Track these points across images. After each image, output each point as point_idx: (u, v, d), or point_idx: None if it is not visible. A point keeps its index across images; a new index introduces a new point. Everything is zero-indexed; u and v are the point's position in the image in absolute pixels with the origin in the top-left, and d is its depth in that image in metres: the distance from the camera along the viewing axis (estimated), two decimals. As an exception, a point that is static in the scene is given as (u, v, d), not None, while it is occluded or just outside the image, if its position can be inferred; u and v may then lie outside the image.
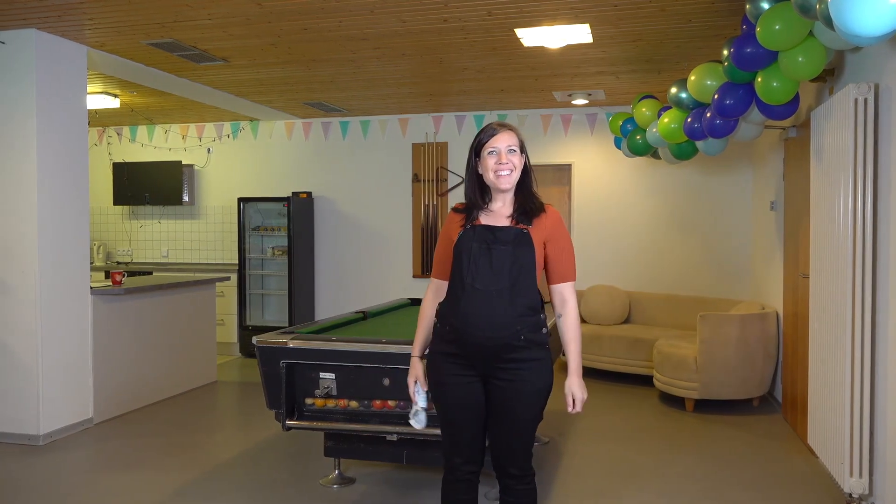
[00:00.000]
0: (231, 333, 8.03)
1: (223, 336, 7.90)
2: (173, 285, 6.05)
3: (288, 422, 3.62)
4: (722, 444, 4.78)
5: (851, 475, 3.49)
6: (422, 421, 2.68)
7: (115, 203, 8.55)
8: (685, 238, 7.26)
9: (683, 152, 5.50)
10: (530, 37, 4.84)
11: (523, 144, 2.57)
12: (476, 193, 2.57)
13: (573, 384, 2.51)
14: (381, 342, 3.50)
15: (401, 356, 3.39)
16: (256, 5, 4.26)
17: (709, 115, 4.53)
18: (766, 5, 3.57)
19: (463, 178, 2.69)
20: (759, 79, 3.89)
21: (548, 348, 2.53)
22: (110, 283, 5.50)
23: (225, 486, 4.04)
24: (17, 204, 4.78)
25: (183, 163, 8.34)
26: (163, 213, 8.65)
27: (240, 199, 7.99)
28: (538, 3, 4.21)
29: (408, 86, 6.46)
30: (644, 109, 5.66)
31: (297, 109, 7.64)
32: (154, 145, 8.59)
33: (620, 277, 7.37)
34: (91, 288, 5.20)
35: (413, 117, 7.91)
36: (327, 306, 8.12)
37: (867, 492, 3.48)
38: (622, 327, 6.76)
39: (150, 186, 8.38)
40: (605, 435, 4.99)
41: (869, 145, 3.40)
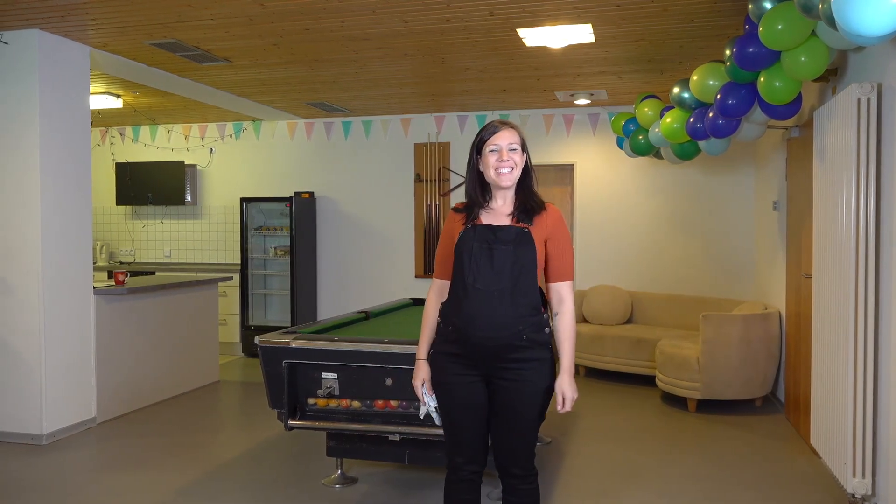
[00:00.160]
0: (233, 333, 8.04)
1: (226, 336, 7.92)
2: (176, 285, 6.06)
3: (290, 422, 3.63)
4: (724, 444, 4.78)
5: (854, 475, 3.49)
6: (437, 419, 2.66)
7: (118, 203, 8.57)
8: (687, 238, 7.26)
9: (686, 152, 5.50)
10: (532, 37, 4.84)
11: (524, 143, 2.57)
12: (477, 191, 2.58)
13: (564, 383, 2.50)
14: (383, 342, 3.51)
15: (403, 356, 3.40)
16: (259, 5, 4.27)
17: (711, 114, 4.53)
18: (768, 5, 3.56)
19: (465, 178, 2.68)
20: (762, 78, 3.88)
21: (550, 348, 2.53)
22: (113, 283, 5.51)
23: (227, 485, 4.05)
24: (20, 204, 4.79)
25: (185, 163, 8.35)
26: (165, 213, 8.66)
27: (242, 199, 8.01)
28: (540, 3, 4.21)
29: (410, 86, 6.46)
30: (646, 109, 5.65)
31: (300, 109, 7.65)
32: (157, 145, 8.61)
33: (623, 277, 7.37)
34: (94, 288, 5.22)
35: (415, 117, 7.91)
36: (329, 306, 8.13)
37: (870, 492, 3.48)
38: (624, 327, 6.75)
39: (152, 186, 8.40)
40: (608, 435, 4.99)
41: (872, 145, 3.39)
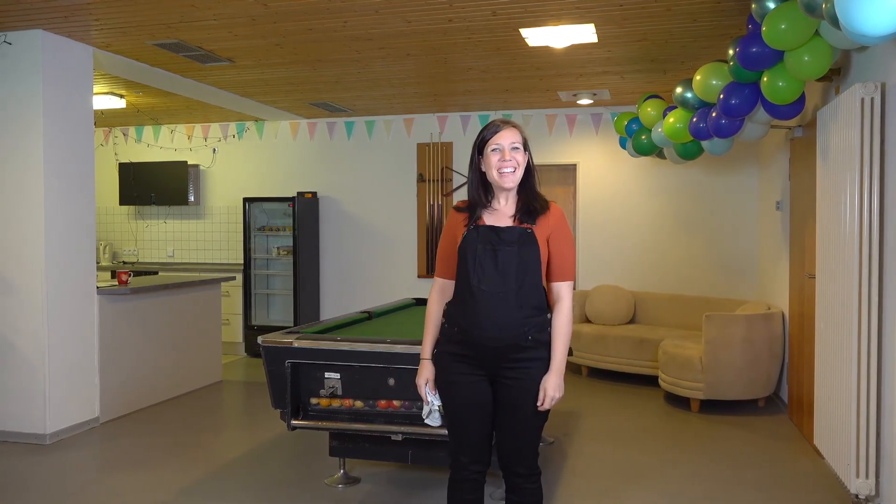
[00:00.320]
0: (236, 333, 8.05)
1: (228, 336, 7.93)
2: (179, 285, 6.07)
3: (293, 421, 3.63)
4: (727, 444, 4.77)
5: (858, 476, 3.48)
6: (437, 420, 2.66)
7: (121, 203, 8.58)
8: (690, 238, 7.25)
9: (689, 152, 5.49)
10: (535, 37, 4.83)
11: (527, 142, 2.54)
12: (479, 191, 2.55)
13: (550, 381, 2.47)
14: (386, 342, 3.51)
15: (406, 356, 3.40)
16: (262, 6, 4.27)
17: (714, 114, 4.52)
18: (771, 5, 3.56)
19: (466, 178, 2.66)
20: (765, 78, 3.88)
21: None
22: (116, 283, 5.52)
23: (230, 485, 4.05)
24: (23, 204, 4.80)
25: (188, 163, 8.36)
26: (168, 213, 8.67)
27: (245, 200, 8.02)
28: (543, 3, 4.20)
29: (413, 86, 6.46)
30: (649, 109, 5.65)
31: (303, 109, 7.65)
32: (160, 145, 8.62)
33: (625, 277, 7.36)
34: (97, 288, 5.22)
35: (418, 117, 7.91)
36: (332, 306, 8.13)
37: (874, 493, 3.47)
38: (627, 327, 6.74)
39: (155, 186, 8.41)
40: (610, 435, 4.98)
41: (875, 145, 3.39)
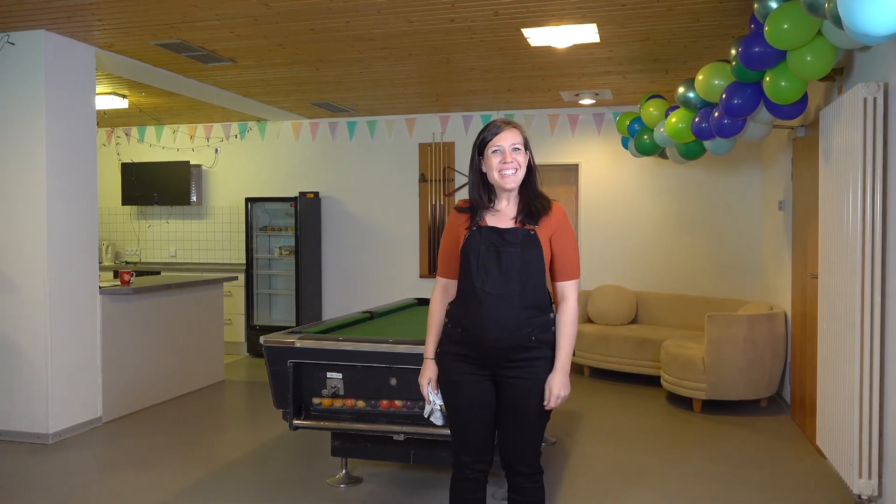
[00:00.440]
0: (238, 333, 8.06)
1: (231, 336, 7.93)
2: (181, 285, 6.07)
3: (295, 421, 3.63)
4: (730, 444, 4.77)
5: (860, 476, 3.47)
6: (439, 419, 2.66)
7: (124, 203, 8.59)
8: (693, 238, 7.24)
9: (691, 152, 5.49)
10: (537, 37, 4.83)
11: (528, 142, 2.52)
12: (480, 193, 2.53)
13: (555, 380, 2.48)
14: (388, 342, 3.51)
15: (408, 356, 3.40)
16: (264, 6, 4.27)
17: (716, 114, 4.52)
18: (774, 4, 3.56)
19: (468, 179, 2.65)
20: (768, 78, 3.87)
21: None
22: (119, 283, 5.52)
23: (232, 485, 4.06)
24: (26, 204, 4.81)
25: (191, 163, 8.37)
26: (171, 213, 8.68)
27: (247, 199, 8.02)
28: (545, 3, 4.20)
29: (415, 86, 6.46)
30: (651, 109, 5.64)
31: (305, 110, 7.66)
32: (162, 145, 8.63)
33: (628, 277, 7.36)
34: (100, 288, 5.23)
35: (420, 117, 7.91)
36: (334, 306, 8.14)
37: (876, 493, 3.47)
38: (629, 327, 6.74)
39: (158, 186, 8.42)
40: (612, 435, 4.98)
41: (878, 145, 3.38)
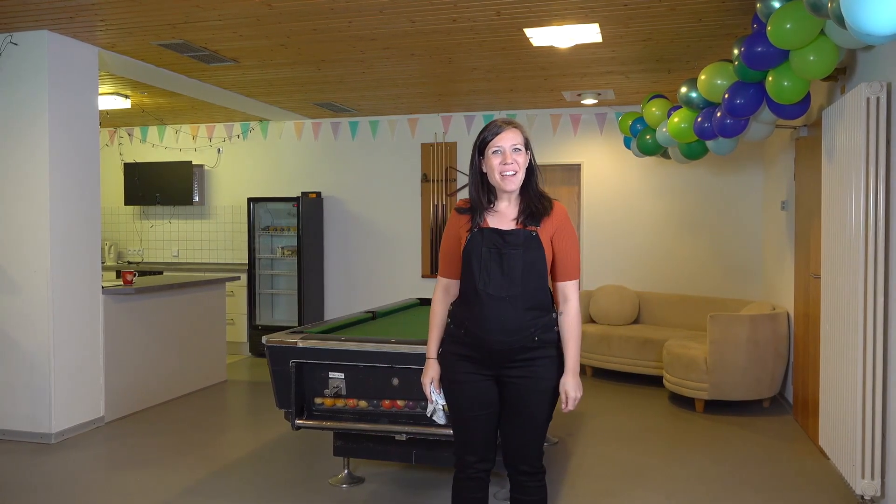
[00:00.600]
0: (241, 333, 8.06)
1: (233, 335, 7.94)
2: (184, 285, 6.08)
3: (297, 421, 3.64)
4: (732, 445, 4.76)
5: (863, 477, 3.47)
6: (441, 418, 2.67)
7: (126, 203, 8.60)
8: (695, 238, 7.23)
9: (693, 152, 5.48)
10: (539, 36, 4.83)
11: (528, 142, 2.51)
12: (481, 193, 2.52)
13: (568, 382, 2.49)
14: (390, 342, 3.51)
15: (410, 356, 3.40)
16: (266, 6, 4.28)
17: (719, 114, 4.51)
18: (777, 4, 3.55)
19: (468, 179, 2.65)
20: (770, 78, 3.87)
21: (558, 346, 2.52)
22: (121, 283, 5.53)
23: (234, 484, 4.06)
24: (29, 204, 4.81)
25: (193, 163, 8.38)
26: (173, 213, 8.69)
27: (250, 199, 8.03)
28: (547, 2, 4.20)
29: (417, 86, 6.46)
30: (654, 109, 5.64)
31: (307, 110, 7.66)
32: (164, 146, 8.64)
33: (630, 277, 7.35)
34: (102, 287, 5.24)
35: (422, 117, 7.91)
36: (336, 306, 8.14)
37: (879, 494, 3.46)
38: (631, 327, 6.73)
39: (160, 186, 8.43)
40: (614, 435, 4.98)
41: (881, 144, 3.37)
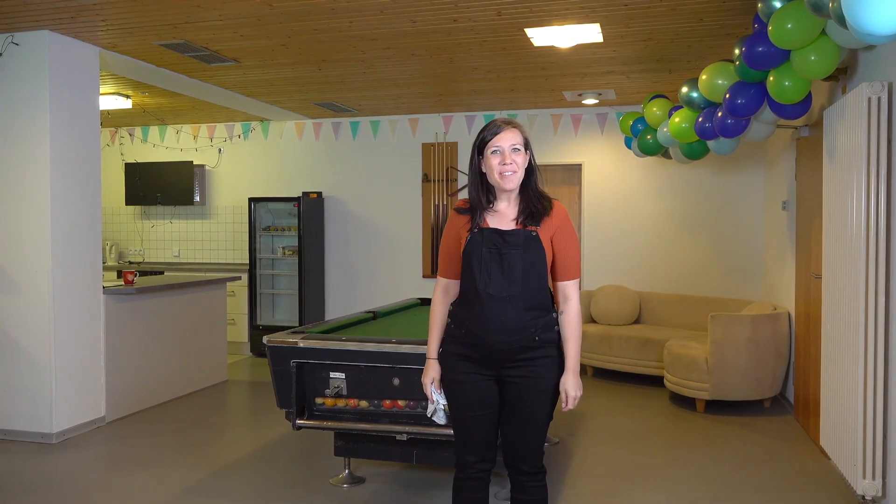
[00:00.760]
0: (242, 333, 8.07)
1: (234, 335, 7.94)
2: (184, 285, 6.08)
3: (298, 421, 3.64)
4: (733, 445, 4.76)
5: (864, 477, 3.47)
6: (442, 418, 2.66)
7: (128, 203, 8.61)
8: (696, 238, 7.23)
9: (694, 152, 5.48)
10: (540, 36, 4.83)
11: (528, 142, 2.50)
12: (480, 193, 2.52)
13: (568, 381, 2.49)
14: (391, 342, 3.51)
15: (411, 356, 3.40)
16: (267, 6, 4.28)
17: (720, 114, 4.51)
18: (778, 4, 3.55)
19: (468, 179, 2.65)
20: (771, 78, 3.86)
21: (559, 345, 2.53)
22: (122, 283, 5.53)
23: (235, 484, 4.06)
24: (30, 204, 4.82)
25: (194, 163, 8.38)
26: (174, 213, 8.69)
27: (251, 199, 8.03)
28: (548, 2, 4.20)
29: (418, 86, 6.46)
30: (655, 109, 5.64)
31: (308, 110, 7.66)
32: (165, 146, 8.64)
33: (631, 277, 7.35)
34: (103, 287, 5.24)
35: (423, 117, 7.91)
36: (337, 306, 8.14)
37: (880, 494, 3.46)
38: (632, 327, 6.73)
39: (161, 186, 8.43)
40: (615, 435, 4.98)
41: (882, 144, 3.37)
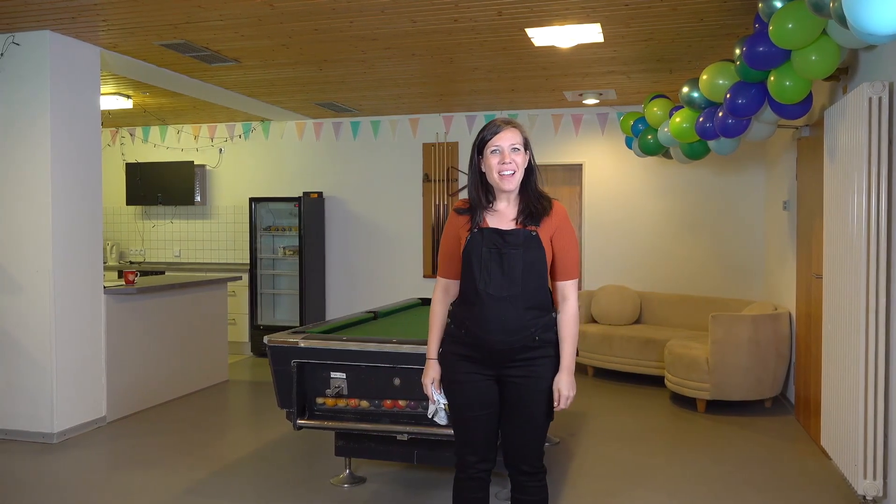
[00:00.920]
0: (242, 333, 8.07)
1: (235, 335, 7.94)
2: (185, 285, 6.08)
3: (299, 421, 3.64)
4: (733, 445, 4.76)
5: (865, 477, 3.47)
6: (443, 418, 2.66)
7: (128, 203, 8.61)
8: (697, 238, 7.23)
9: (695, 152, 5.47)
10: (541, 36, 4.83)
11: (527, 142, 2.51)
12: (479, 193, 2.52)
13: (562, 380, 2.49)
14: (391, 342, 3.51)
15: (412, 356, 3.40)
16: (268, 6, 4.28)
17: (721, 114, 4.51)
18: (778, 4, 3.55)
19: (467, 179, 2.65)
20: (772, 78, 3.86)
21: (558, 345, 2.52)
22: (123, 283, 5.53)
23: (236, 484, 4.06)
24: (31, 204, 4.82)
25: (195, 163, 8.39)
26: (175, 213, 8.70)
27: (251, 199, 8.03)
28: (549, 2, 4.20)
29: (418, 86, 6.46)
30: (655, 109, 5.64)
31: (309, 110, 7.66)
32: (166, 146, 8.64)
33: (631, 277, 7.35)
34: (104, 287, 5.24)
35: (423, 117, 7.91)
36: (338, 306, 8.14)
37: (881, 494, 3.46)
38: (633, 327, 6.73)
39: (162, 186, 8.44)
40: (616, 435, 4.97)
41: (883, 144, 3.37)
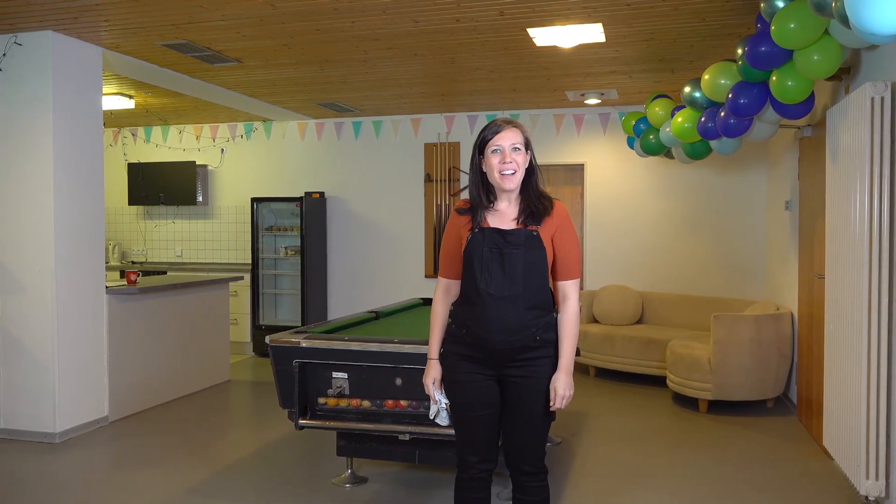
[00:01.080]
0: (244, 333, 8.07)
1: (236, 335, 7.95)
2: (187, 285, 6.09)
3: (301, 421, 3.64)
4: (735, 445, 4.75)
5: (867, 477, 3.46)
6: (445, 419, 2.66)
7: (130, 203, 8.62)
8: (699, 238, 7.22)
9: (697, 152, 5.47)
10: (543, 36, 4.83)
11: (528, 141, 2.51)
12: (480, 193, 2.52)
13: (559, 380, 2.48)
14: (393, 342, 3.51)
15: (413, 356, 3.40)
16: (270, 6, 4.28)
17: (723, 114, 4.50)
18: (780, 3, 3.54)
19: (469, 178, 2.65)
20: (774, 78, 3.86)
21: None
22: (125, 283, 5.54)
23: (238, 484, 4.06)
24: (33, 204, 4.83)
25: (197, 163, 8.39)
26: (177, 213, 8.71)
27: (253, 199, 8.04)
28: (550, 2, 4.20)
29: (420, 86, 6.47)
30: (657, 109, 5.63)
31: (310, 110, 7.67)
32: (168, 146, 8.65)
33: (633, 277, 7.34)
34: (106, 287, 5.25)
35: (425, 117, 7.91)
36: (340, 306, 8.15)
37: (883, 494, 3.45)
38: (635, 328, 6.73)
39: (164, 187, 8.45)
40: (618, 436, 4.97)
41: (885, 144, 3.37)
